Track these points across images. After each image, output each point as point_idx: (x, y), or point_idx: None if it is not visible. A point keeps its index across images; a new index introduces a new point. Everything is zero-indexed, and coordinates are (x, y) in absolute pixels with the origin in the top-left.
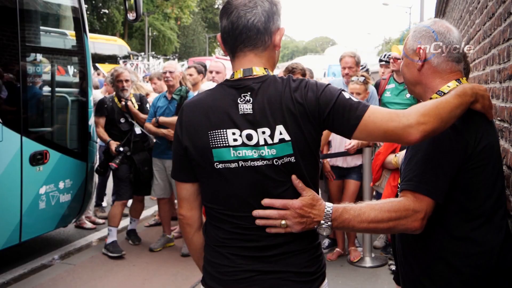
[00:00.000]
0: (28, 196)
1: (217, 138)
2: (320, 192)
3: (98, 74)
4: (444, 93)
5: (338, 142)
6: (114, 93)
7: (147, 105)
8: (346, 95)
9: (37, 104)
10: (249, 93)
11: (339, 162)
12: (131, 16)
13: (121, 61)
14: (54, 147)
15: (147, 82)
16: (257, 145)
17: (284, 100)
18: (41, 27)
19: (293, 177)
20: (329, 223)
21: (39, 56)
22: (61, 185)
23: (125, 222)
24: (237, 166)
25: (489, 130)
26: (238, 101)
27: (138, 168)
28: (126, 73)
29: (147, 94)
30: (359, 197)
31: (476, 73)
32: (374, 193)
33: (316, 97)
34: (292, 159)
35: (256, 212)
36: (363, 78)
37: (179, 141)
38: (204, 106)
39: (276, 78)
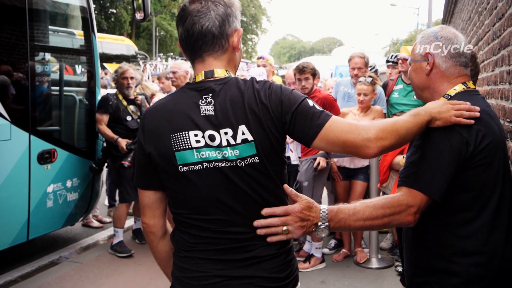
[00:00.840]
0: (36, 195)
1: (179, 141)
2: (327, 192)
3: (106, 74)
4: (451, 96)
5: None
6: (116, 90)
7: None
8: (310, 102)
9: (45, 103)
10: (210, 94)
11: (346, 162)
12: (139, 16)
13: (140, 62)
14: (62, 146)
15: (153, 82)
16: (219, 146)
17: (247, 100)
18: (50, 27)
19: (285, 186)
20: (326, 223)
21: (48, 56)
22: (69, 183)
23: (129, 222)
24: (201, 167)
25: (493, 129)
26: (200, 102)
27: None
28: (131, 70)
29: (153, 94)
30: (366, 198)
31: (485, 74)
32: (381, 194)
33: (280, 99)
34: (256, 159)
35: (257, 222)
36: (371, 79)
37: (142, 147)
38: (166, 110)
39: (238, 79)
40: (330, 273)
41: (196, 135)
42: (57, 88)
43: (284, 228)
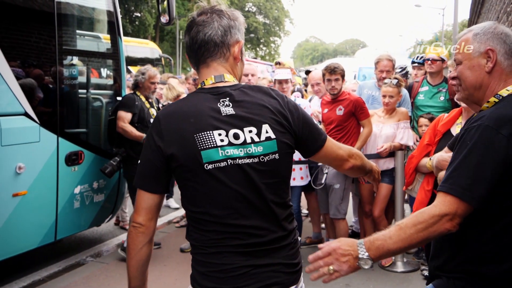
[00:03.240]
0: (64, 196)
1: (204, 140)
2: (351, 195)
3: (131, 77)
4: (503, 97)
5: (370, 145)
6: (138, 91)
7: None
8: (314, 119)
9: (72, 105)
10: (228, 98)
11: None
12: (164, 19)
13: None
14: (89, 148)
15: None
16: (244, 143)
17: (268, 103)
18: (78, 31)
19: (319, 245)
20: (366, 253)
21: (75, 59)
22: (95, 185)
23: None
24: (226, 164)
25: None
26: (218, 105)
27: None
28: (158, 75)
29: (178, 95)
30: (391, 201)
31: None
32: (406, 196)
33: (295, 109)
34: (276, 156)
35: (308, 269)
36: (396, 80)
37: (159, 150)
38: (185, 113)
39: (250, 85)
40: (355, 276)
41: (220, 134)
42: (84, 91)
43: (331, 267)
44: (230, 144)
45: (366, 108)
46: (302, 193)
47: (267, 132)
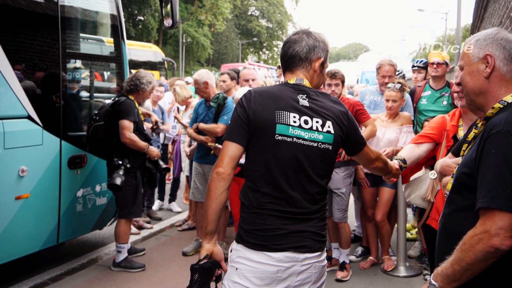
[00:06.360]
0: (66, 199)
1: (282, 116)
2: (353, 199)
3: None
4: (508, 103)
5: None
6: (132, 96)
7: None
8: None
9: (76, 109)
10: (305, 95)
11: None
12: (167, 23)
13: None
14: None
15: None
16: (311, 129)
17: (333, 107)
18: (81, 34)
19: None
20: (436, 284)
21: (79, 62)
22: (98, 188)
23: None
24: (291, 141)
25: None
26: (297, 97)
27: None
28: None
29: (190, 96)
30: (393, 205)
31: None
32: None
33: (351, 119)
34: (330, 147)
35: None
36: (400, 85)
37: (246, 110)
38: (271, 93)
39: (323, 92)
40: (357, 280)
41: (294, 117)
42: (88, 94)
43: None
44: (300, 126)
45: (366, 110)
46: None
47: (329, 127)
